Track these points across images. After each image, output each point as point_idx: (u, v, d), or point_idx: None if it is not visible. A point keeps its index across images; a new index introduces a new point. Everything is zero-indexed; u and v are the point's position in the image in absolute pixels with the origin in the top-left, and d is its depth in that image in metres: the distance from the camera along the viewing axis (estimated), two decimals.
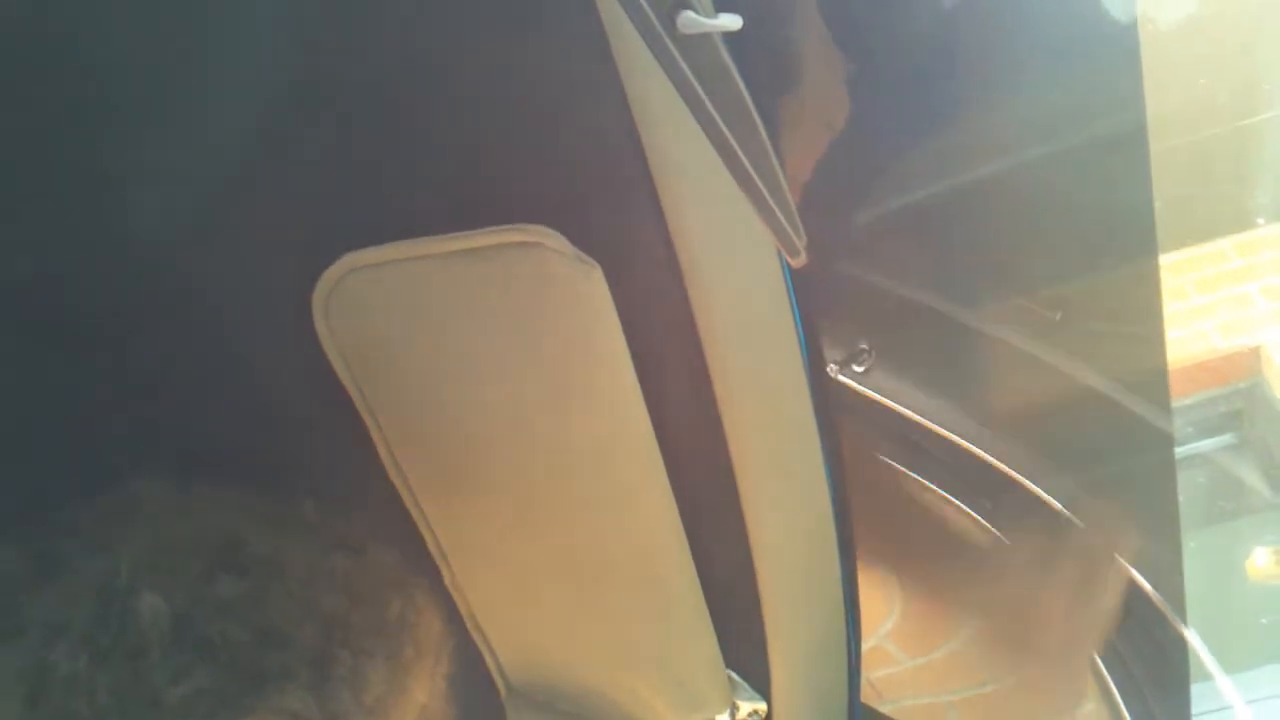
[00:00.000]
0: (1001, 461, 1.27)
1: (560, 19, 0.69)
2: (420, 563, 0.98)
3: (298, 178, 0.77)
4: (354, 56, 0.72)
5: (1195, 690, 1.21)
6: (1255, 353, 2.15)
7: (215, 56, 0.71)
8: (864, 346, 1.19)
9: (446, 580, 1.00)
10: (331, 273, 0.81)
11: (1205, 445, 2.10)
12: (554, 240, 0.77)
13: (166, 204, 0.76)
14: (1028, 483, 1.27)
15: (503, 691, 1.11)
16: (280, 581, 0.78)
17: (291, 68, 0.72)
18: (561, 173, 0.77)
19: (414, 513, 0.95)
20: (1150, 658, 1.21)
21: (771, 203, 0.69)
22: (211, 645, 0.73)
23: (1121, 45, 1.02)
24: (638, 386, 0.83)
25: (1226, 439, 2.13)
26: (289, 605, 0.77)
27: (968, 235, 1.17)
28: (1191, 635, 1.20)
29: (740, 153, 0.66)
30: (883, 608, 1.37)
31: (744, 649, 1.01)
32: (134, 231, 0.77)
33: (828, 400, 0.90)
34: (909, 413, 1.28)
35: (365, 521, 0.88)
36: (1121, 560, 1.23)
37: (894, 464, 1.30)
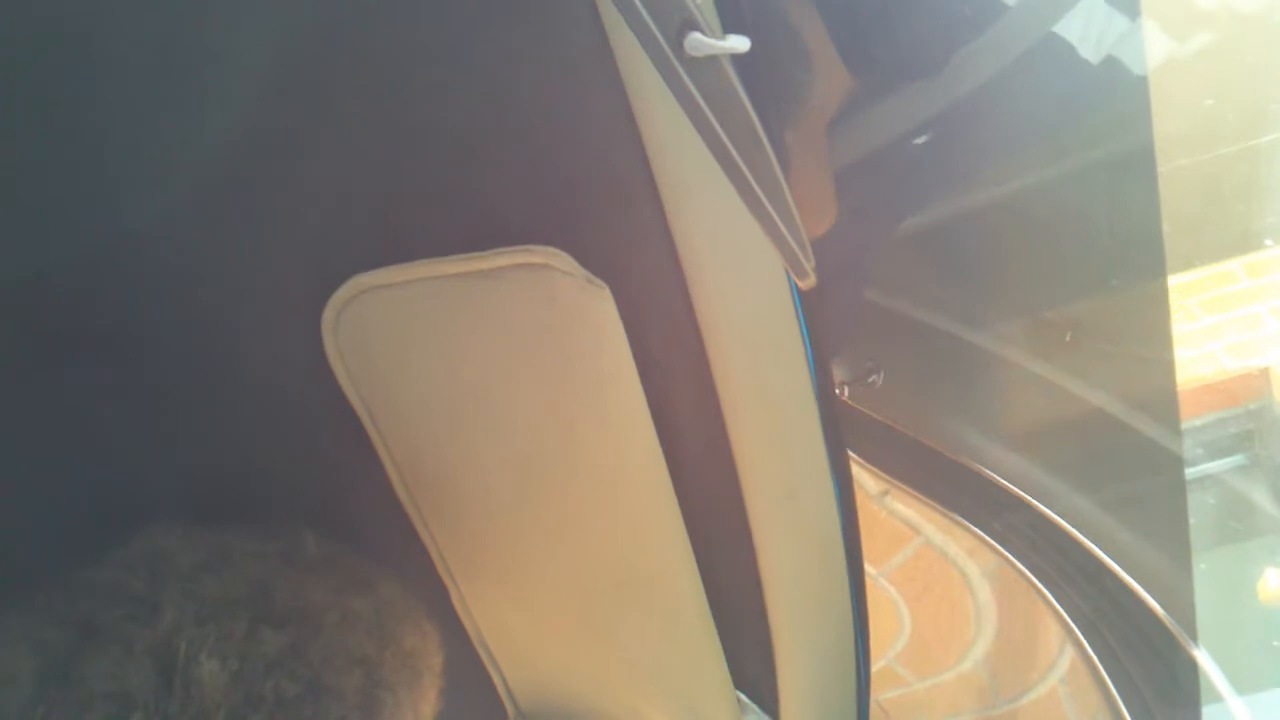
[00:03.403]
0: (1011, 483, 1.27)
1: (568, 41, 0.70)
2: (428, 584, 0.98)
3: (307, 200, 0.77)
4: (363, 80, 0.72)
5: (1206, 712, 1.21)
6: (1265, 374, 2.14)
7: (222, 80, 0.71)
8: (872, 367, 1.19)
9: (455, 601, 1.00)
10: (341, 294, 0.81)
11: (1215, 466, 2.08)
12: (563, 262, 0.77)
13: (174, 227, 0.76)
14: (1037, 504, 1.26)
15: (511, 713, 1.11)
16: (316, 631, 0.78)
17: (301, 91, 0.72)
18: (570, 194, 0.77)
19: (422, 534, 0.95)
20: (1161, 679, 1.20)
21: (779, 224, 0.69)
22: (267, 704, 0.73)
23: (1129, 66, 1.02)
24: (646, 407, 0.83)
25: (1237, 460, 2.12)
26: (330, 654, 0.77)
27: (976, 256, 1.17)
28: (1202, 657, 1.19)
29: (748, 174, 0.66)
30: (892, 628, 1.36)
31: (753, 670, 1.01)
32: (141, 254, 0.77)
33: (836, 421, 0.90)
34: (917, 434, 1.28)
35: (371, 554, 0.88)
36: (1132, 581, 1.23)
37: (902, 484, 1.30)
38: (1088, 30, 1.00)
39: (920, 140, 0.99)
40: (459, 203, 0.78)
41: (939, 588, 1.36)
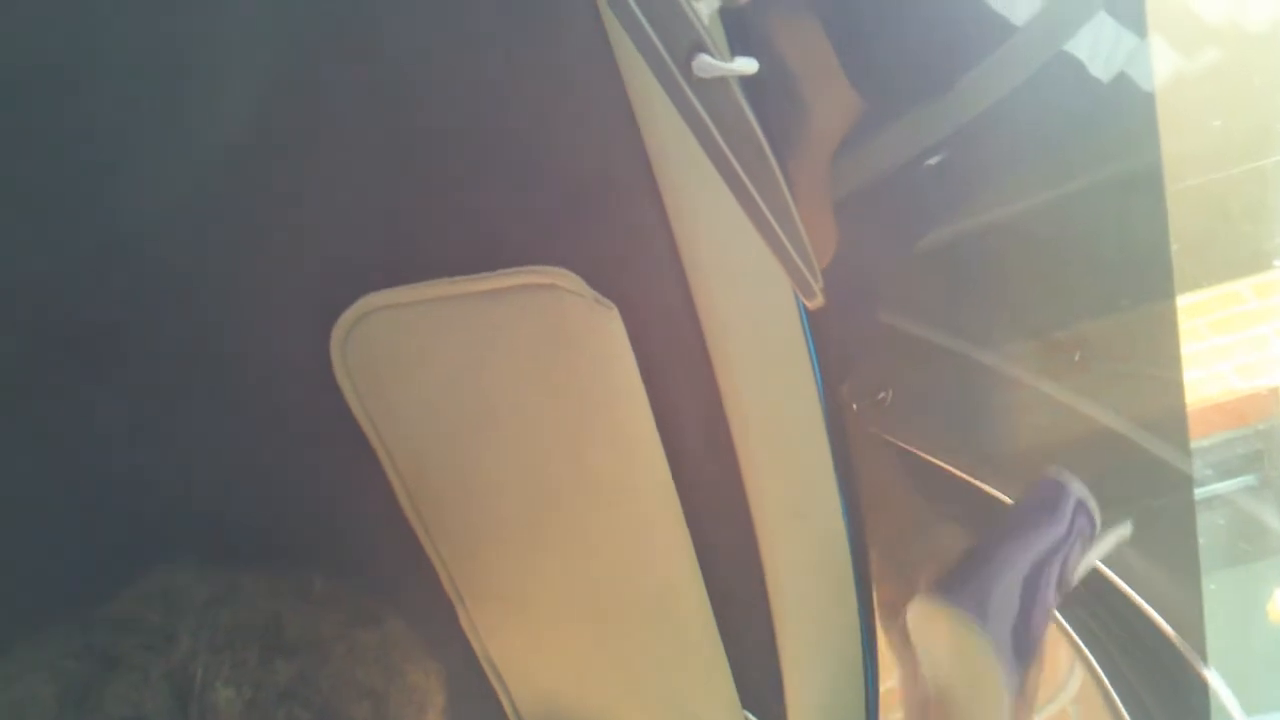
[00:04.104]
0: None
1: (577, 63, 0.70)
2: (435, 603, 0.98)
3: (315, 220, 0.77)
4: (372, 99, 0.72)
5: None
6: (1274, 394, 2.14)
7: (227, 99, 0.71)
8: (882, 387, 1.19)
9: (462, 620, 1.00)
10: (349, 314, 0.81)
11: (1225, 486, 2.09)
12: (571, 282, 0.77)
13: (182, 246, 0.76)
14: None
15: None
16: (326, 660, 0.78)
17: (310, 110, 0.72)
18: (578, 215, 0.78)
19: (429, 553, 0.95)
20: (1170, 700, 1.20)
21: (787, 244, 0.69)
22: None
23: (1137, 86, 1.02)
24: (654, 428, 0.83)
25: (1246, 480, 2.12)
26: (339, 683, 0.78)
27: (985, 275, 1.17)
28: (1212, 677, 1.19)
29: (755, 195, 0.67)
30: None
31: (760, 690, 1.01)
32: (149, 271, 0.77)
33: (845, 441, 0.90)
34: (927, 454, 1.28)
35: (379, 573, 0.88)
36: (1142, 602, 1.22)
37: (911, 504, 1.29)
38: (1097, 50, 1.01)
39: (930, 161, 1.00)
40: (468, 223, 0.78)
41: None
